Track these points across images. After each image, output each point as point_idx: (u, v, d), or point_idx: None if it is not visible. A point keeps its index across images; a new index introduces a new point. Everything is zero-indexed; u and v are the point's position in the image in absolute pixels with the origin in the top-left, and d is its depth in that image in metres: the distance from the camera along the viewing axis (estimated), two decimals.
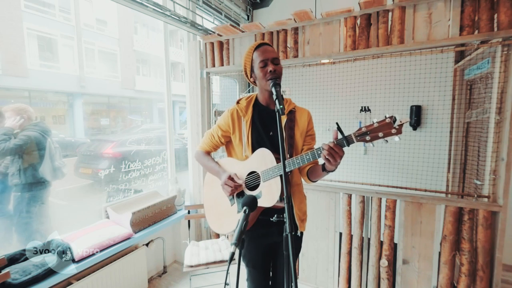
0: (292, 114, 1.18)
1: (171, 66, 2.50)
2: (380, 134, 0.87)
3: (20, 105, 1.74)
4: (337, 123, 0.92)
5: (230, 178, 1.14)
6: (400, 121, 0.85)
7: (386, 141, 0.89)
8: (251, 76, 1.16)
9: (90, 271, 1.68)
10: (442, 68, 2.10)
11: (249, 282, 1.29)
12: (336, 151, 0.90)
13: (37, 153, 1.73)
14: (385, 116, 0.87)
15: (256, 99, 1.22)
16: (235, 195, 1.19)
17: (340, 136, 0.91)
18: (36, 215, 1.73)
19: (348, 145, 0.91)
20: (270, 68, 1.07)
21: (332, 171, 1.00)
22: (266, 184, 1.09)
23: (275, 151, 1.10)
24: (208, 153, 1.33)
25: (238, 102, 1.22)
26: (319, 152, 0.96)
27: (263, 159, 1.10)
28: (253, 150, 1.14)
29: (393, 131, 0.86)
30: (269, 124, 1.17)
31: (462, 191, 2.05)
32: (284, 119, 1.14)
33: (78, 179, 2.77)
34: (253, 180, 1.15)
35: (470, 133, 1.98)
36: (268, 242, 1.23)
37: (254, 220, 1.15)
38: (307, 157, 0.99)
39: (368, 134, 0.89)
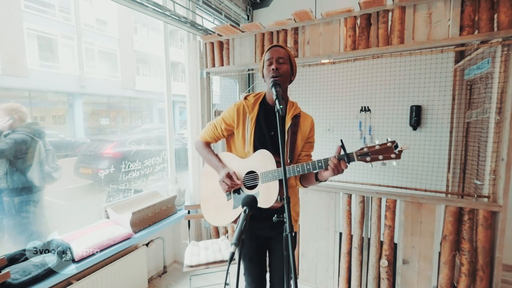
0: (297, 119, 1.19)
1: (171, 66, 2.50)
2: (380, 157, 0.93)
3: (12, 104, 1.64)
4: (341, 140, 0.97)
5: (229, 176, 1.15)
6: (401, 148, 0.90)
7: (384, 163, 0.94)
8: (263, 76, 1.18)
9: (90, 271, 1.67)
10: (442, 68, 2.10)
11: (247, 276, 1.31)
12: (342, 168, 0.97)
13: (25, 157, 1.63)
14: (387, 140, 0.92)
15: (264, 98, 1.22)
16: (232, 191, 1.21)
17: (342, 153, 0.96)
18: (30, 217, 1.67)
19: (349, 162, 0.96)
20: (273, 66, 1.09)
21: (324, 181, 1.08)
22: (265, 185, 1.10)
23: (275, 151, 1.11)
24: (208, 143, 1.34)
25: (246, 98, 1.23)
26: (320, 164, 1.00)
27: (263, 161, 1.11)
28: (255, 148, 1.15)
29: (393, 155, 0.91)
30: (273, 124, 1.18)
31: (462, 191, 2.05)
32: (288, 122, 1.15)
33: (78, 179, 2.77)
34: (252, 180, 1.15)
35: (470, 133, 1.97)
36: (262, 236, 1.25)
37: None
38: (308, 167, 1.02)
39: (369, 155, 0.94)
